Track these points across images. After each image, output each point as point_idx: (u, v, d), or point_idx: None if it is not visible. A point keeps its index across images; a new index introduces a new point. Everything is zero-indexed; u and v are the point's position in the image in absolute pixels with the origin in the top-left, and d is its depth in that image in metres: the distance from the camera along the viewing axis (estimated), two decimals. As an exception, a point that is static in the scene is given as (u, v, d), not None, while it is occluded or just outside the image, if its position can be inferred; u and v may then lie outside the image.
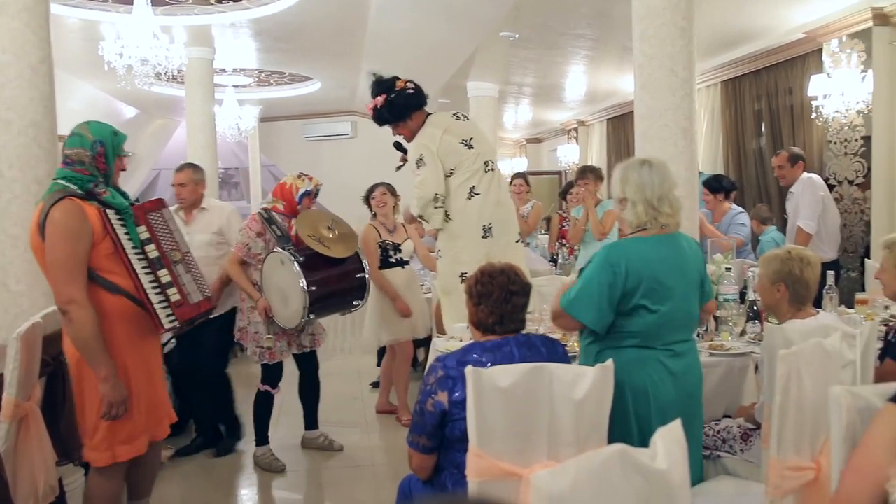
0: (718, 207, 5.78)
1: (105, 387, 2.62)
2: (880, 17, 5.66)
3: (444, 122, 4.08)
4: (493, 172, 4.05)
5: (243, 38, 8.62)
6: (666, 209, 2.55)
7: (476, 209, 3.99)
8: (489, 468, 2.06)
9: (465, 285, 2.56)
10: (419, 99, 4.11)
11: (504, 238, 4.02)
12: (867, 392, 1.75)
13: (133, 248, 2.73)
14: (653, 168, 2.58)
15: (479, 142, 4.07)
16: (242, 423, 4.78)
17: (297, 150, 14.92)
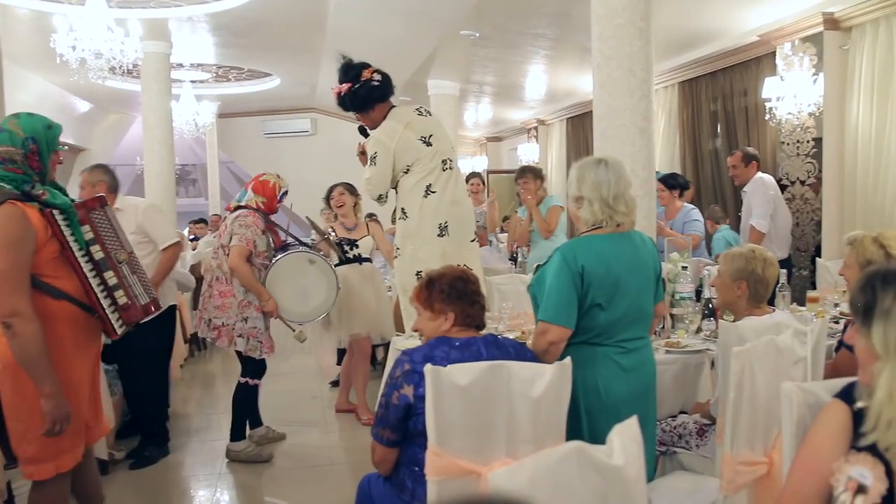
0: (672, 204, 5.86)
1: (49, 403, 2.42)
2: (831, 21, 5.80)
3: (405, 117, 4.06)
4: (451, 171, 4.04)
5: (201, 32, 8.49)
6: (621, 208, 2.57)
7: (432, 208, 3.99)
8: (448, 466, 2.06)
9: (416, 295, 2.54)
10: (383, 91, 4.08)
11: (459, 237, 4.01)
12: (817, 388, 1.78)
13: (79, 250, 2.59)
14: (609, 167, 2.60)
15: (438, 139, 4.05)
16: (170, 435, 4.67)
17: (256, 147, 14.76)
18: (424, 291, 2.50)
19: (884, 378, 1.36)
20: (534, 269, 2.78)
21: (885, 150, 5.53)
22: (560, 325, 2.49)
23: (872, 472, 1.41)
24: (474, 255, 4.04)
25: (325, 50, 9.30)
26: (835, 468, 1.47)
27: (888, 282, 1.40)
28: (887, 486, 1.40)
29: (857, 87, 5.73)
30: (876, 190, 5.63)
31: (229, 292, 4.31)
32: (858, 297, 1.44)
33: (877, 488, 1.40)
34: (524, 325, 3.64)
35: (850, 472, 1.44)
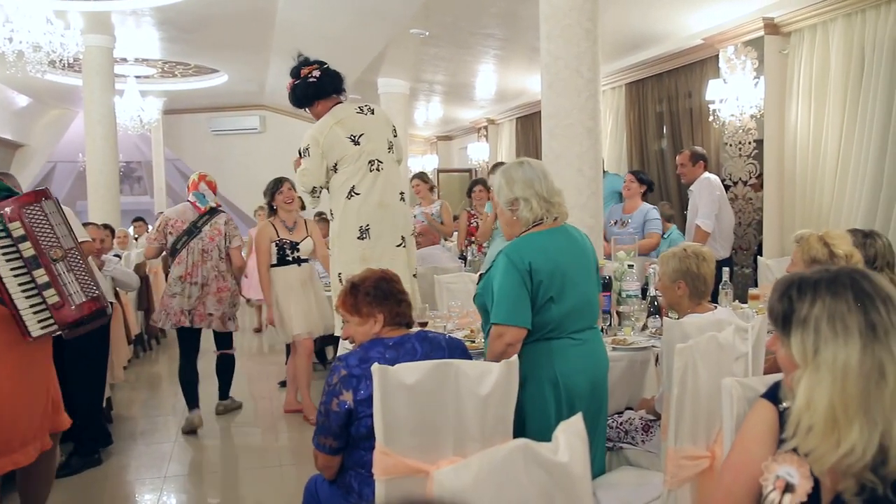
0: (635, 199, 5.92)
1: None
2: (771, 26, 5.95)
3: (340, 114, 4.05)
4: (379, 173, 4.00)
5: (146, 26, 8.30)
6: (556, 198, 2.63)
7: (354, 210, 3.98)
8: (396, 466, 2.05)
9: (341, 301, 2.54)
10: (320, 88, 4.08)
11: (382, 241, 3.98)
12: (756, 383, 1.83)
13: (1, 248, 2.51)
14: (532, 166, 2.65)
15: (369, 139, 4.02)
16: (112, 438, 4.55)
17: (203, 145, 14.52)
18: (349, 298, 2.49)
19: (802, 386, 1.38)
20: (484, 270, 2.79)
21: (822, 151, 5.70)
22: (516, 326, 2.50)
23: (798, 470, 1.44)
24: (399, 260, 3.96)
25: (273, 47, 9.19)
26: (764, 468, 1.49)
27: (803, 291, 1.41)
28: (812, 485, 1.43)
29: (796, 91, 5.89)
30: (814, 190, 5.81)
31: (226, 287, 4.98)
32: (776, 307, 1.45)
33: (803, 487, 1.43)
34: (473, 323, 3.65)
35: (777, 471, 1.47)
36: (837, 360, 1.34)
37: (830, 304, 1.37)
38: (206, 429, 4.94)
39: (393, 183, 4.09)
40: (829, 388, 1.34)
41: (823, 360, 1.36)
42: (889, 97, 5.13)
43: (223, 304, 4.96)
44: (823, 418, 1.34)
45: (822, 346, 1.36)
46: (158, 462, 4.42)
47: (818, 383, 1.35)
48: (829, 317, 1.36)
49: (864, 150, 5.31)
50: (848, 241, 3.12)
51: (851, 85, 5.42)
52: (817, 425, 1.35)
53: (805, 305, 1.40)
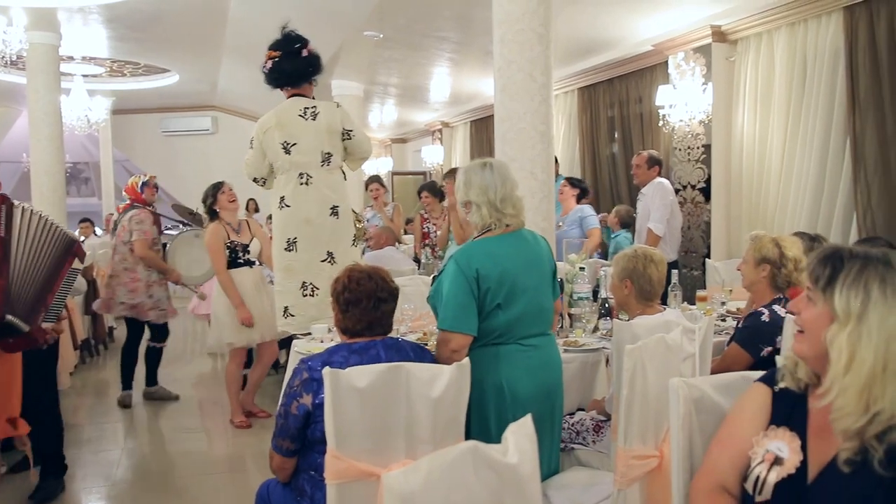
0: (569, 202, 6.04)
1: None
2: (718, 34, 6.09)
3: (283, 115, 4.02)
4: (308, 188, 3.97)
5: (93, 24, 8.12)
6: (509, 210, 2.61)
7: (283, 221, 3.99)
8: (347, 469, 2.04)
9: (332, 290, 2.50)
10: (268, 80, 4.12)
11: (308, 255, 3.99)
12: (703, 383, 1.86)
13: None
14: (494, 170, 2.63)
15: (300, 151, 3.98)
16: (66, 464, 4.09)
17: (154, 145, 14.26)
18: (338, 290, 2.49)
19: (843, 341, 1.43)
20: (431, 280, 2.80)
21: (767, 156, 5.85)
22: (461, 333, 2.51)
23: (790, 445, 1.52)
24: (323, 275, 3.96)
25: (225, 47, 9.07)
26: (754, 441, 1.57)
27: (855, 255, 1.49)
28: (801, 459, 1.50)
29: (743, 97, 6.04)
30: (759, 194, 5.95)
31: (136, 278, 5.40)
32: (824, 265, 1.51)
33: (792, 460, 1.50)
34: (426, 325, 3.65)
35: (768, 445, 1.54)
36: (886, 323, 1.41)
37: (883, 271, 1.44)
38: (155, 435, 4.85)
39: (322, 198, 4.03)
40: (875, 346, 1.40)
41: (871, 319, 1.42)
42: (829, 104, 5.28)
43: (138, 294, 5.42)
44: (865, 376, 1.40)
45: (872, 306, 1.42)
46: (106, 469, 4.33)
47: (864, 341, 1.41)
48: (881, 281, 1.43)
49: (806, 155, 5.46)
50: (799, 247, 3.25)
51: (794, 92, 5.58)
52: (856, 383, 1.41)
53: (856, 267, 1.46)
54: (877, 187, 4.90)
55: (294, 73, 4.10)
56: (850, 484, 1.42)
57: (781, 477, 1.51)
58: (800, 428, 1.55)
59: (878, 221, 4.89)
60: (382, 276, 2.50)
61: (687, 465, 1.76)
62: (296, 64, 4.09)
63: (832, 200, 5.29)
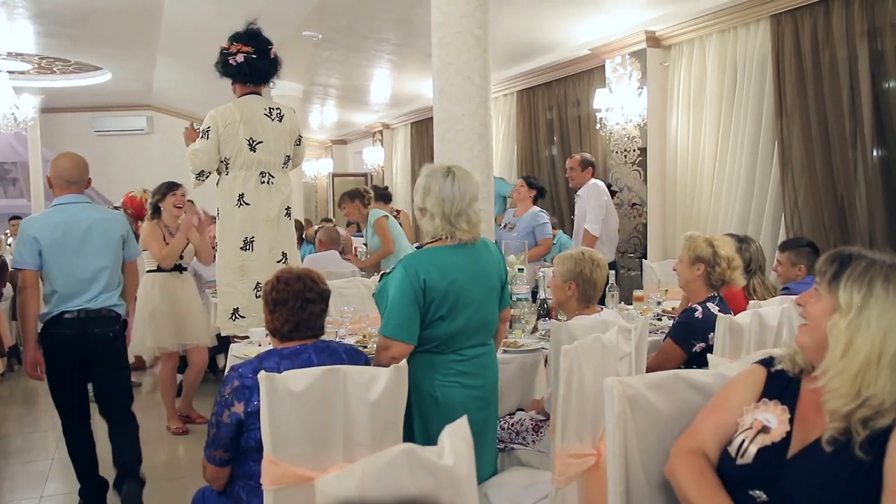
0: (525, 202, 6.02)
1: None
2: (653, 39, 6.22)
3: (248, 111, 3.96)
4: (270, 186, 3.95)
5: (19, 19, 7.82)
6: (463, 225, 2.56)
7: (240, 219, 3.92)
8: (284, 475, 2.02)
9: (262, 291, 2.49)
10: (235, 73, 4.04)
11: (263, 255, 3.94)
12: (637, 382, 1.90)
13: None
14: (456, 181, 2.57)
15: (266, 150, 3.95)
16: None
17: (86, 145, 13.76)
18: (268, 291, 2.46)
19: (841, 329, 1.53)
20: (379, 276, 2.78)
21: (700, 159, 6.00)
22: (401, 342, 2.50)
23: (778, 417, 1.61)
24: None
25: (160, 45, 8.86)
26: (745, 410, 1.67)
27: (862, 256, 1.59)
28: (788, 431, 1.59)
29: (677, 101, 6.18)
30: (693, 196, 6.10)
31: None
32: (831, 262, 1.61)
33: (779, 430, 1.60)
34: (365, 328, 3.63)
35: (757, 415, 1.64)
36: (885, 316, 1.50)
37: (887, 271, 1.54)
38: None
39: (281, 198, 4.04)
40: (873, 336, 1.50)
41: (871, 311, 1.51)
42: (758, 109, 5.45)
43: None
44: (859, 362, 1.49)
45: (873, 300, 1.52)
46: (35, 482, 4.18)
47: (863, 330, 1.51)
48: (884, 279, 1.53)
49: (737, 159, 5.61)
50: (731, 246, 3.36)
51: (725, 97, 5.73)
52: (850, 368, 1.50)
53: (862, 265, 1.56)
54: (803, 190, 5.07)
55: (264, 72, 4.07)
56: (828, 462, 1.50)
57: (765, 444, 1.59)
58: (790, 405, 1.64)
59: (805, 223, 5.06)
60: (312, 277, 2.47)
61: (622, 463, 1.79)
62: (266, 64, 4.06)
63: (762, 202, 5.45)
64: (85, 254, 3.43)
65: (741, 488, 1.61)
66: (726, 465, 1.65)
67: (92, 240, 3.45)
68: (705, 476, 1.64)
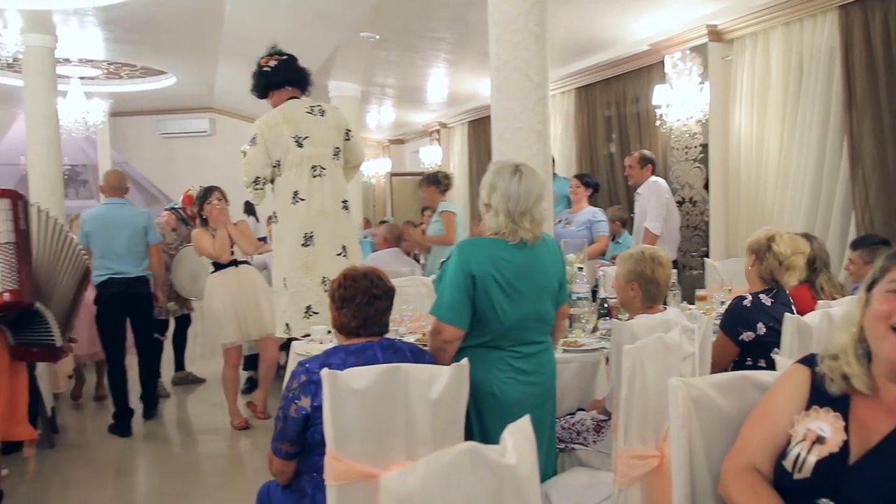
0: (582, 202, 5.99)
1: None
2: (714, 33, 6.09)
3: (290, 112, 4.02)
4: (323, 179, 3.97)
5: (89, 26, 8.10)
6: (526, 224, 2.54)
7: (298, 216, 3.95)
8: (347, 471, 2.04)
9: (329, 289, 2.52)
10: (270, 78, 4.11)
11: (328, 248, 3.96)
12: (702, 382, 1.86)
13: None
14: (523, 179, 2.56)
15: (313, 143, 3.99)
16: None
17: (152, 148, 14.23)
18: (335, 289, 2.49)
19: None
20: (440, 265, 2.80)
21: (764, 155, 5.85)
22: (452, 325, 2.50)
23: (832, 425, 1.52)
24: (339, 270, 3.93)
25: (222, 49, 9.06)
26: (795, 420, 1.57)
27: None
28: (844, 440, 1.50)
29: (740, 96, 6.04)
30: (757, 193, 5.95)
31: None
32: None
33: (834, 440, 1.50)
34: (425, 327, 3.64)
35: (810, 424, 1.54)
36: None
37: None
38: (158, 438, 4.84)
39: (336, 190, 4.05)
40: None
41: None
42: (826, 103, 5.29)
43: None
44: None
45: None
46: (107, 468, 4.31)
47: None
48: None
49: (803, 155, 5.46)
50: (793, 247, 3.22)
51: (791, 91, 5.58)
52: None
53: None
54: (874, 185, 4.90)
55: (299, 73, 4.15)
56: (894, 469, 1.43)
57: (822, 456, 1.51)
58: (842, 411, 1.55)
59: (877, 219, 4.89)
60: (378, 274, 2.52)
61: (687, 465, 1.76)
62: (299, 68, 4.17)
63: (830, 199, 5.29)
64: (118, 237, 4.98)
65: (806, 499, 1.53)
66: (784, 481, 1.57)
67: (122, 228, 5.00)
68: (761, 494, 1.57)
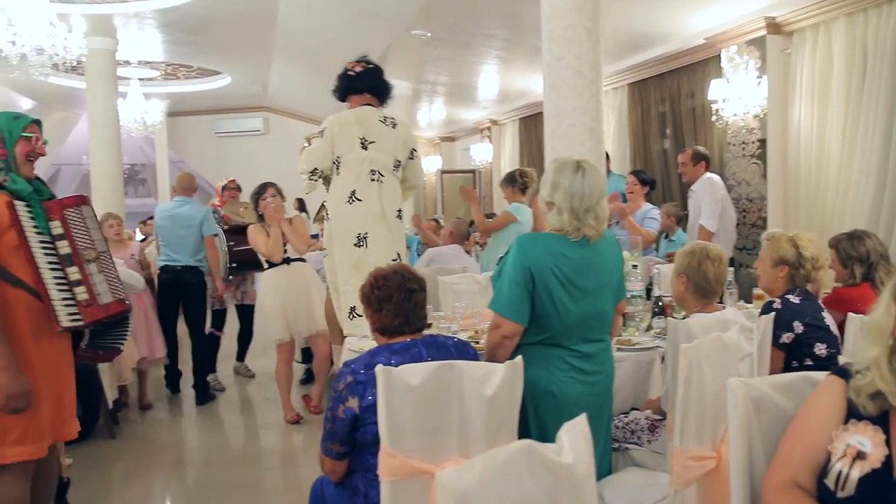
0: (639, 200, 5.92)
1: (3, 377, 2.45)
2: (773, 26, 5.94)
3: (363, 115, 4.05)
4: (381, 185, 3.99)
5: (148, 29, 8.31)
6: (590, 221, 2.51)
7: (354, 215, 3.96)
8: (401, 467, 2.05)
9: (360, 294, 2.51)
10: (352, 83, 4.12)
11: (378, 253, 3.94)
12: (762, 383, 1.82)
13: (41, 242, 2.62)
14: (585, 176, 2.53)
15: (378, 149, 4.00)
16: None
17: (207, 146, 14.53)
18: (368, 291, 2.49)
19: None
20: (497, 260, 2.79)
21: (825, 150, 5.70)
22: (511, 320, 2.48)
23: (872, 440, 1.47)
24: None
25: (276, 49, 9.20)
26: (834, 436, 1.52)
27: None
28: (887, 454, 1.45)
29: (799, 90, 5.89)
30: (818, 189, 5.80)
31: None
32: None
33: (876, 455, 1.46)
34: (477, 324, 3.65)
35: (849, 439, 1.50)
36: None
37: None
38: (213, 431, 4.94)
39: (392, 197, 4.06)
40: None
41: None
42: (891, 96, 5.12)
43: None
44: None
45: None
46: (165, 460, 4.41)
47: None
48: None
49: (867, 150, 5.30)
50: (815, 245, 3.19)
51: (854, 84, 5.41)
52: None
53: None
54: (943, 181, 4.73)
55: (383, 84, 4.17)
56: None
57: (865, 472, 1.46)
58: (882, 424, 1.49)
59: (944, 216, 4.72)
60: (406, 268, 2.52)
61: (746, 467, 1.73)
62: (381, 78, 4.18)
63: (895, 194, 5.12)
64: (178, 229, 5.78)
65: None
66: (829, 499, 1.52)
67: (182, 221, 5.80)
68: None
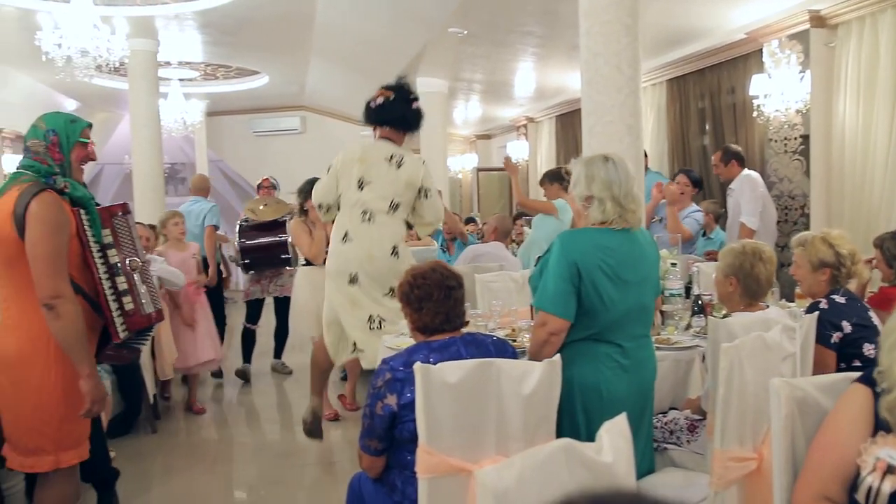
0: (687, 200, 5.85)
1: (88, 384, 2.50)
2: (817, 19, 5.82)
3: (368, 153, 4.01)
4: (371, 225, 3.94)
5: (188, 30, 8.44)
6: (631, 206, 2.54)
7: (346, 255, 3.96)
8: (439, 464, 2.06)
9: (399, 293, 2.52)
10: (371, 116, 4.09)
11: (371, 290, 3.94)
12: (805, 383, 1.79)
13: (97, 251, 2.65)
14: (617, 165, 2.56)
15: (373, 191, 3.95)
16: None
17: (245, 145, 14.70)
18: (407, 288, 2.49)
19: None
20: (535, 261, 2.78)
21: (871, 147, 5.57)
22: (558, 317, 2.46)
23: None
24: (391, 307, 3.84)
25: (313, 48, 9.26)
26: (862, 449, 1.49)
27: None
28: None
29: (844, 85, 5.76)
30: (863, 186, 5.67)
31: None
32: None
33: None
34: (514, 322, 3.63)
35: (878, 453, 1.46)
36: None
37: None
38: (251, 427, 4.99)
39: (383, 237, 3.97)
40: None
41: None
42: (941, 90, 4.98)
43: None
44: None
45: None
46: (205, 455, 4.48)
47: None
48: None
49: (914, 145, 5.17)
50: (849, 241, 3.14)
51: (902, 78, 5.28)
52: None
53: None
54: None
55: (402, 117, 4.09)
56: None
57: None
58: None
59: None
60: (443, 265, 2.52)
61: (789, 469, 1.70)
62: (405, 110, 4.09)
63: (943, 192, 4.99)
64: (192, 225, 6.28)
65: None
66: None
67: (194, 219, 6.45)
68: None
